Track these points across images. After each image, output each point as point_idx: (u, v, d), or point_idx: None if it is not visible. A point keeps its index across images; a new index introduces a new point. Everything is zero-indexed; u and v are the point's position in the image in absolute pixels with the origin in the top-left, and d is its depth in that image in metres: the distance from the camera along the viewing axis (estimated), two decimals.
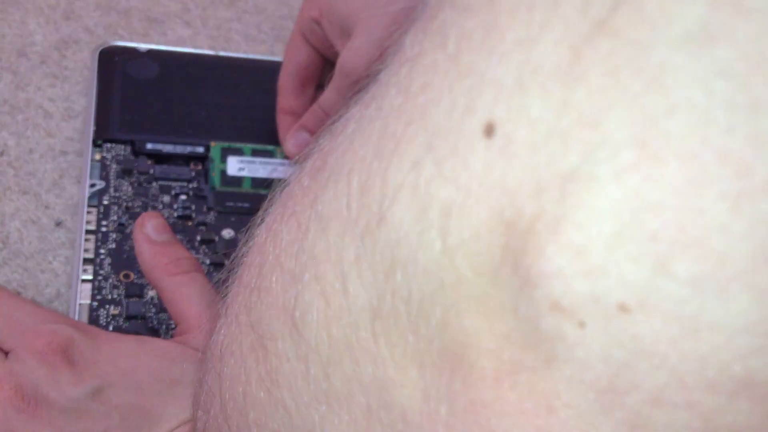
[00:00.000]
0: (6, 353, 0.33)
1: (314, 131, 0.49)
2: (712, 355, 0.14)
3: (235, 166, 0.51)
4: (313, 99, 0.52)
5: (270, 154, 0.52)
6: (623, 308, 0.14)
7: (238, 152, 0.51)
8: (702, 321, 0.14)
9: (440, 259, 0.16)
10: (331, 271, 0.18)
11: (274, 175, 0.51)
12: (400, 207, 0.16)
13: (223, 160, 0.51)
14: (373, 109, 0.18)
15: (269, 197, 0.23)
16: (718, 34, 0.13)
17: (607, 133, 0.14)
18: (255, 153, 0.52)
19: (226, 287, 0.24)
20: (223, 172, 0.50)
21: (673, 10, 0.13)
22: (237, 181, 0.50)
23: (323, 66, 0.51)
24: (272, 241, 0.21)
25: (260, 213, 0.23)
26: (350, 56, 0.44)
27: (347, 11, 0.45)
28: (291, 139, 0.50)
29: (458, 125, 0.16)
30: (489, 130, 0.15)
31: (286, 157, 0.52)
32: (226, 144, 0.51)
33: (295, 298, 0.19)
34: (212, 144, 0.51)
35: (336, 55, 0.49)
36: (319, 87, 0.52)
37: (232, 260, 0.24)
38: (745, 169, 0.13)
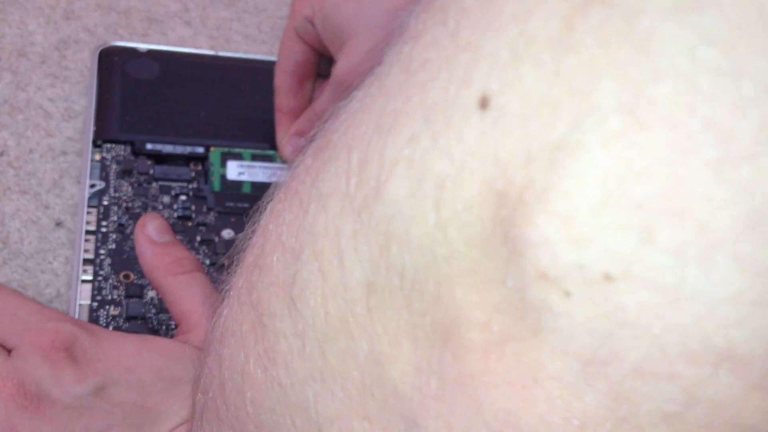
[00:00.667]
0: (9, 351, 0.32)
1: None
2: (693, 326, 0.14)
3: (234, 170, 0.51)
4: (311, 95, 0.51)
5: (270, 159, 0.52)
6: (608, 277, 0.14)
7: (237, 157, 0.51)
8: (684, 291, 0.14)
9: (433, 232, 0.16)
10: (329, 247, 0.18)
11: (274, 180, 0.51)
12: (396, 181, 0.17)
13: (223, 165, 0.51)
14: (376, 88, 0.18)
15: (276, 183, 0.23)
16: (704, 2, 0.13)
17: (595, 102, 0.14)
18: (255, 158, 0.52)
19: (230, 272, 0.24)
20: (223, 177, 0.50)
21: None
22: (237, 185, 0.50)
23: (319, 62, 0.51)
24: (275, 221, 0.21)
25: (265, 197, 0.23)
26: (347, 71, 0.44)
27: (341, 19, 0.45)
28: (288, 145, 0.49)
29: (454, 99, 0.16)
30: (484, 103, 0.15)
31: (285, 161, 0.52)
32: (225, 149, 0.51)
33: (294, 275, 0.19)
34: (212, 149, 0.51)
35: (330, 53, 0.49)
36: (319, 76, 0.52)
37: (238, 244, 0.24)
38: (729, 136, 0.13)
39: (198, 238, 0.48)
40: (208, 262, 0.47)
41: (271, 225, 0.21)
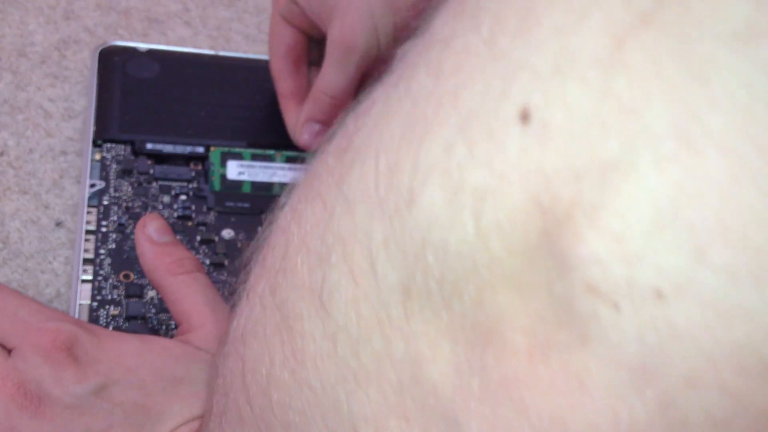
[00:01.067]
0: (9, 351, 0.32)
1: (323, 120, 0.48)
2: (746, 342, 0.14)
3: (234, 170, 0.51)
4: (309, 78, 0.52)
5: (270, 159, 0.52)
6: (659, 294, 0.14)
7: (237, 157, 0.51)
8: (737, 309, 0.14)
9: (473, 241, 0.16)
10: (359, 252, 0.18)
11: (274, 179, 0.51)
12: (431, 189, 0.17)
13: (223, 165, 0.51)
14: (402, 90, 0.18)
15: (293, 180, 0.23)
16: (762, 34, 0.13)
17: (648, 124, 0.14)
18: (255, 158, 0.52)
19: (248, 271, 0.24)
20: (223, 176, 0.50)
21: (720, 7, 0.13)
22: (237, 185, 0.50)
23: (309, 44, 0.51)
24: (297, 222, 0.21)
25: (283, 196, 0.23)
26: (346, 32, 0.44)
27: None
28: (304, 134, 0.49)
29: (492, 109, 0.16)
30: (525, 116, 0.15)
31: (286, 160, 0.52)
32: (225, 149, 0.51)
33: (323, 278, 0.19)
34: (212, 149, 0.51)
35: (320, 32, 0.49)
36: (311, 64, 0.52)
37: (255, 243, 0.24)
38: None
39: (198, 238, 0.48)
40: (208, 262, 0.47)
41: (293, 226, 0.21)
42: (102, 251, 0.46)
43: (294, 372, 0.20)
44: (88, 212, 0.47)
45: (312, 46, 0.51)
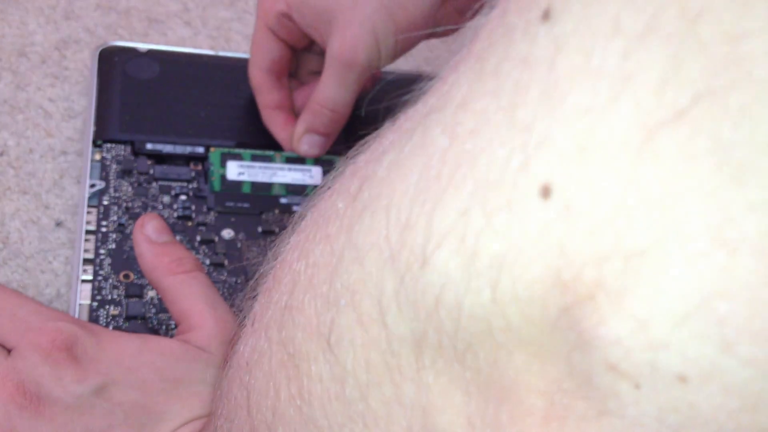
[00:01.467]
0: (9, 351, 0.32)
1: (324, 132, 0.48)
2: None
3: (234, 170, 0.51)
4: (290, 89, 0.52)
5: (270, 159, 0.52)
6: (682, 379, 0.14)
7: (237, 157, 0.51)
8: (763, 399, 0.14)
9: (489, 306, 0.16)
10: (368, 301, 0.18)
11: (274, 180, 0.51)
12: (446, 253, 0.16)
13: (223, 165, 0.51)
14: (416, 144, 0.18)
15: (299, 211, 0.23)
16: None
17: (679, 218, 0.14)
18: (255, 158, 0.52)
19: (252, 298, 0.24)
20: (223, 177, 0.50)
21: (759, 114, 0.13)
22: (237, 185, 0.50)
23: (293, 57, 0.51)
24: (304, 260, 0.21)
25: (289, 228, 0.23)
26: (347, 47, 0.44)
27: (322, 1, 0.45)
28: (303, 144, 0.49)
29: (512, 181, 0.16)
30: (545, 192, 0.15)
31: (286, 160, 0.52)
32: (225, 149, 0.51)
33: (331, 322, 0.19)
34: (212, 149, 0.51)
35: (309, 44, 0.49)
36: (291, 76, 0.52)
37: (260, 274, 0.24)
38: None
39: (198, 238, 0.48)
40: (208, 262, 0.47)
41: (300, 264, 0.21)
42: (102, 251, 0.46)
43: (300, 410, 0.20)
44: (88, 212, 0.47)
45: (295, 58, 0.51)
